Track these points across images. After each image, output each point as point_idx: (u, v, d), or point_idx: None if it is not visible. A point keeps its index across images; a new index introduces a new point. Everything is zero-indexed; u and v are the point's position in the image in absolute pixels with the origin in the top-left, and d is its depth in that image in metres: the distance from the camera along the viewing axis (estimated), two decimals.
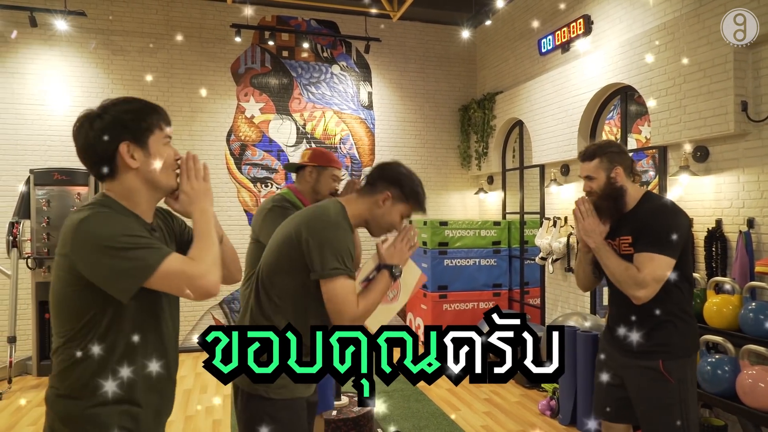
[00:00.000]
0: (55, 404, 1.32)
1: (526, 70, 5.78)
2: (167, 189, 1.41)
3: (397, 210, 1.81)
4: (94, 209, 1.29)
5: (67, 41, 5.65)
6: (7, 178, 5.43)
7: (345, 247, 1.68)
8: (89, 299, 1.27)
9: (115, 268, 1.22)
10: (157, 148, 1.36)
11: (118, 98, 1.38)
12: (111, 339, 1.30)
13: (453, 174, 6.92)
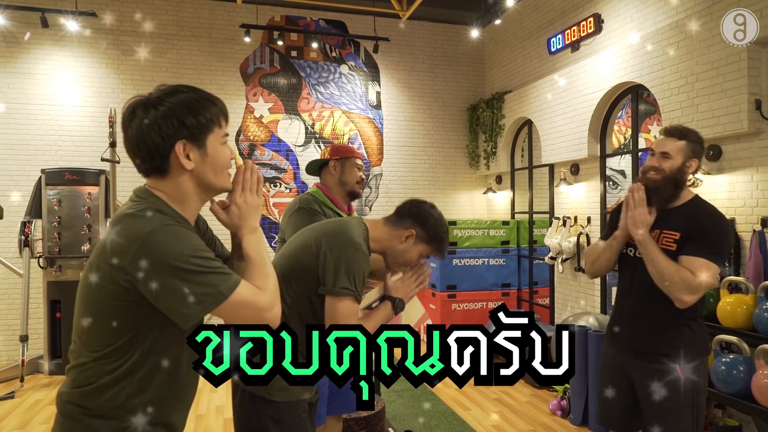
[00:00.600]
0: (80, 423, 1.22)
1: (535, 69, 5.77)
2: (221, 192, 1.32)
3: (417, 249, 1.80)
4: (161, 220, 1.16)
5: (78, 42, 5.69)
6: (19, 178, 5.47)
7: (360, 269, 1.65)
8: (137, 317, 1.17)
9: (183, 293, 1.11)
10: (215, 147, 1.25)
11: (175, 86, 1.24)
12: (153, 360, 1.22)
13: (461, 173, 6.91)
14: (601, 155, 4.77)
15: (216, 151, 1.25)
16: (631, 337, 2.11)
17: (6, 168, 5.47)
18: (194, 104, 1.22)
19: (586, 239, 4.89)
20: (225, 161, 1.28)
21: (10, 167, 5.48)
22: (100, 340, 1.19)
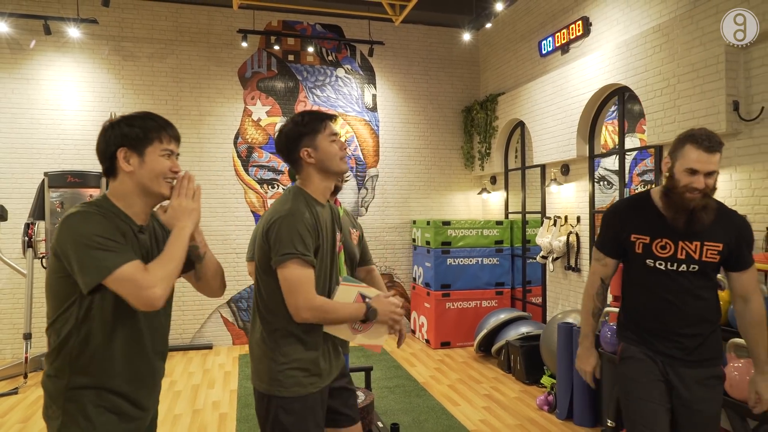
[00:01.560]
0: (45, 383, 1.47)
1: (527, 71, 5.86)
2: (158, 196, 1.55)
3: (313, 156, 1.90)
4: (85, 208, 1.44)
5: (80, 48, 5.83)
6: (23, 181, 5.62)
7: (296, 230, 1.75)
8: (69, 288, 1.42)
9: (81, 263, 1.36)
10: (153, 158, 1.51)
11: (137, 112, 1.56)
12: (86, 327, 1.44)
13: (456, 174, 7.00)
14: (590, 156, 4.85)
15: (153, 160, 1.51)
16: (678, 347, 2.04)
17: (10, 171, 5.62)
18: (136, 121, 1.52)
19: (575, 238, 4.97)
20: (161, 170, 1.52)
21: (14, 170, 5.63)
22: (50, 309, 1.47)
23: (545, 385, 4.44)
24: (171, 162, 1.55)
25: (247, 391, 4.57)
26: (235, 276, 6.18)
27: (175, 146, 1.59)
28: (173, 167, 1.55)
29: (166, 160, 1.54)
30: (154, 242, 1.60)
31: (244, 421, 3.92)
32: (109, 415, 1.47)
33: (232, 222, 6.21)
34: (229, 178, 6.23)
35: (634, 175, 6.52)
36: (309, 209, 1.83)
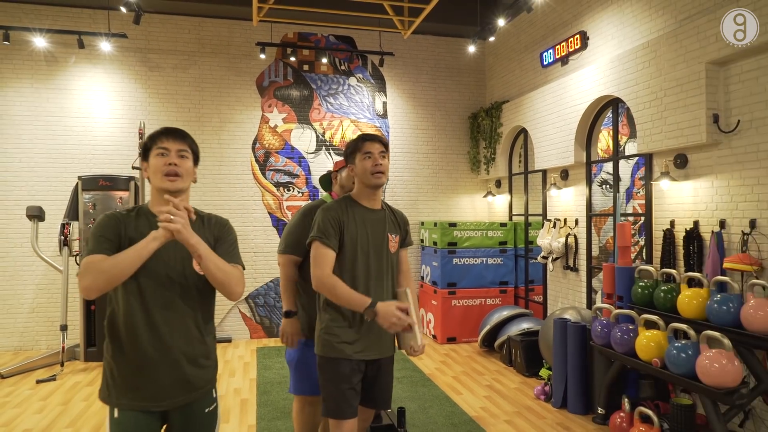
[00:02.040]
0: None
1: (530, 80, 6.16)
2: (161, 190, 1.79)
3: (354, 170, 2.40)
4: (109, 212, 1.82)
5: (110, 60, 6.25)
6: (57, 184, 6.04)
7: (319, 221, 2.26)
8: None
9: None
10: (152, 158, 1.80)
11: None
12: (111, 308, 1.79)
13: (463, 178, 7.32)
14: (587, 162, 5.15)
15: (152, 161, 1.80)
16: None
17: (46, 175, 6.05)
18: (145, 139, 1.85)
19: (574, 240, 5.27)
20: (156, 167, 1.79)
21: (49, 174, 6.05)
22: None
23: (543, 376, 4.75)
24: (165, 158, 1.77)
25: (265, 379, 4.93)
26: (253, 274, 6.56)
27: (171, 144, 1.78)
28: (167, 161, 1.77)
29: (161, 158, 1.78)
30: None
31: (264, 406, 4.28)
32: (123, 391, 1.74)
33: (250, 223, 6.59)
34: (248, 181, 6.61)
35: (636, 179, 6.79)
36: (342, 209, 2.28)
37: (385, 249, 2.34)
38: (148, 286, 1.74)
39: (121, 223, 1.76)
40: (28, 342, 6.01)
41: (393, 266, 2.39)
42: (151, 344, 1.74)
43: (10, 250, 5.95)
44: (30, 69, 6.07)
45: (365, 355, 2.29)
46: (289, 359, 2.84)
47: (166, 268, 1.77)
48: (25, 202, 5.91)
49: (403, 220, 2.51)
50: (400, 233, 2.45)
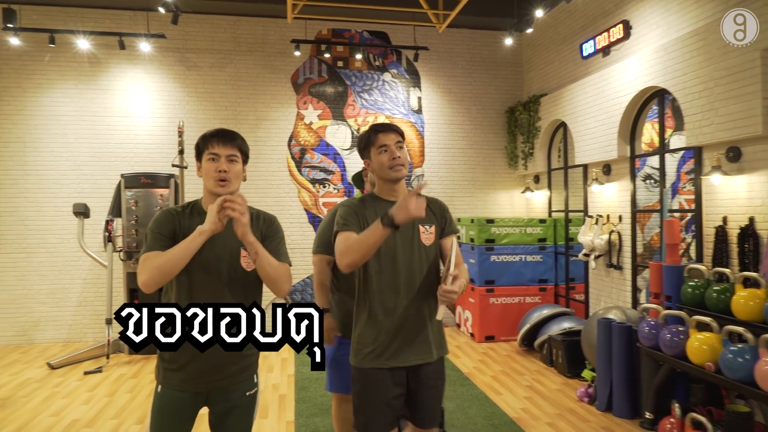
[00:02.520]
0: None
1: (569, 73, 5.99)
2: (213, 194, 1.89)
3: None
4: (169, 208, 1.96)
5: (149, 60, 6.37)
6: (102, 182, 6.21)
7: (340, 214, 2.12)
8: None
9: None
10: (205, 162, 1.91)
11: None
12: (166, 299, 1.93)
13: (500, 174, 7.19)
14: (631, 156, 4.97)
15: (204, 164, 1.91)
16: None
17: (90, 173, 6.22)
18: (198, 140, 1.95)
19: (617, 237, 5.10)
20: (207, 171, 1.90)
21: (93, 172, 6.23)
22: None
23: (586, 378, 4.62)
24: (216, 164, 1.88)
25: (303, 375, 4.96)
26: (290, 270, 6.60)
27: (222, 149, 1.88)
28: (217, 167, 1.87)
29: (212, 163, 1.88)
30: (229, 231, 1.83)
31: (302, 402, 4.30)
32: (167, 371, 1.90)
33: (287, 219, 6.63)
34: (284, 178, 6.65)
35: (682, 174, 6.52)
36: (362, 204, 2.15)
37: (416, 242, 2.12)
38: (198, 279, 1.86)
39: (176, 219, 1.89)
40: (76, 334, 6.21)
41: (429, 259, 2.16)
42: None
43: (59, 246, 6.15)
44: (74, 70, 6.25)
45: (399, 361, 2.07)
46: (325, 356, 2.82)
47: (216, 262, 1.88)
48: (72, 199, 6.10)
49: (440, 207, 2.25)
50: (437, 222, 2.21)
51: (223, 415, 1.95)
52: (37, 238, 6.16)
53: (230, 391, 1.93)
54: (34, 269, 6.15)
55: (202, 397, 1.93)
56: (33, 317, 6.14)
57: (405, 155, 2.15)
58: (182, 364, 1.87)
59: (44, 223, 6.17)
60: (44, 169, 6.18)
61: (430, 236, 2.17)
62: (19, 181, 6.15)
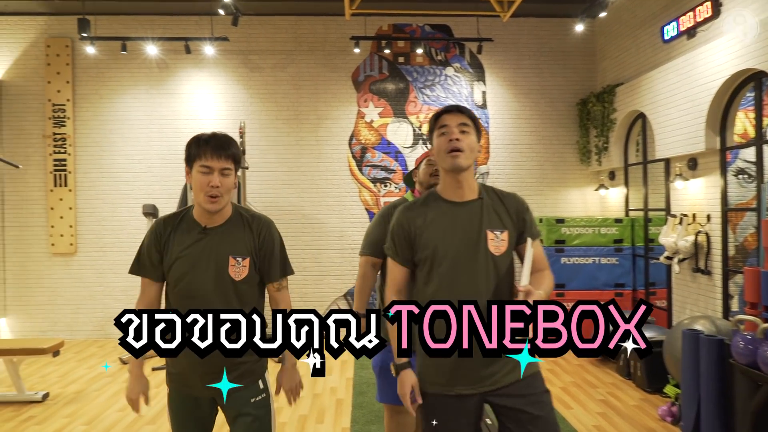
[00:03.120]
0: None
1: (648, 59, 5.50)
2: (201, 206, 1.84)
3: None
4: (158, 218, 1.98)
5: (214, 63, 6.50)
6: (170, 184, 6.40)
7: (391, 229, 1.94)
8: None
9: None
10: (196, 174, 1.82)
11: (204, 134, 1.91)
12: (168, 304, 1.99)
13: (571, 170, 6.76)
14: (721, 148, 4.46)
15: (195, 176, 1.83)
16: None
17: (160, 175, 6.43)
18: (190, 142, 1.86)
19: (705, 238, 4.60)
20: (198, 184, 1.81)
21: (163, 174, 6.43)
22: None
23: (669, 394, 4.19)
24: (208, 178, 1.78)
25: (362, 379, 4.84)
26: (351, 270, 6.53)
27: (215, 162, 1.78)
28: (210, 182, 1.78)
29: (203, 176, 1.79)
30: (213, 240, 1.88)
31: (359, 408, 4.17)
32: (171, 376, 1.99)
33: (348, 219, 6.55)
34: (345, 177, 6.58)
35: None
36: (416, 210, 1.87)
37: (481, 251, 1.77)
38: (190, 302, 1.86)
39: (161, 237, 1.91)
40: None
41: (500, 272, 1.79)
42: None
43: (132, 245, 6.40)
44: (145, 76, 6.48)
45: (462, 388, 1.75)
46: (373, 365, 2.70)
47: (204, 283, 1.87)
48: (143, 200, 6.32)
49: (517, 206, 1.87)
50: (513, 225, 1.83)
51: (234, 423, 1.96)
52: (112, 237, 6.44)
53: (234, 398, 1.92)
54: (110, 267, 6.44)
55: (207, 401, 1.95)
56: (109, 313, 6.42)
57: (470, 141, 1.78)
58: (180, 370, 1.92)
59: (119, 223, 6.45)
60: (118, 171, 6.46)
61: (501, 244, 1.80)
62: (96, 183, 6.45)
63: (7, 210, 6.42)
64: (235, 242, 1.89)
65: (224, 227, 1.89)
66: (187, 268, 1.85)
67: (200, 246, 1.85)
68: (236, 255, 1.87)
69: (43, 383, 4.83)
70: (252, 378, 1.96)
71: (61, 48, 6.40)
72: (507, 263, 1.82)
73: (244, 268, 1.88)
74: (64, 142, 6.39)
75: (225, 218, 1.90)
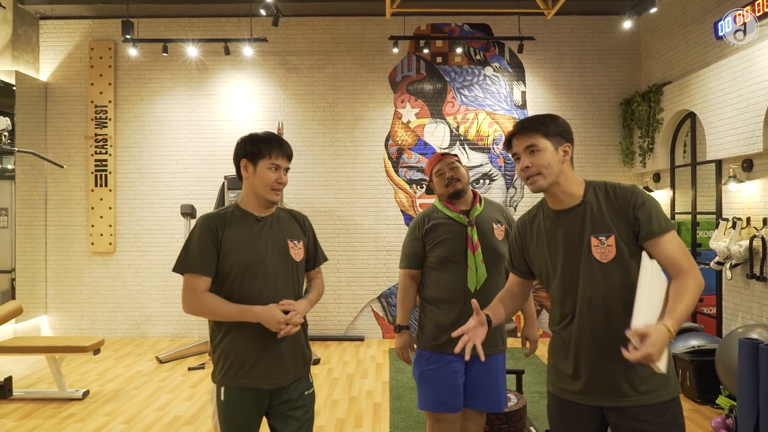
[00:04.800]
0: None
1: (699, 57, 5.28)
2: (265, 200, 1.95)
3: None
4: (204, 215, 1.98)
5: (252, 65, 6.53)
6: (207, 184, 6.45)
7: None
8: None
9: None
10: (263, 169, 1.92)
11: (261, 133, 2.01)
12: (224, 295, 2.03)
13: (614, 172, 6.55)
14: None
15: (262, 171, 1.92)
16: None
17: (198, 175, 6.49)
18: (255, 140, 1.95)
19: (761, 243, 4.38)
20: (267, 180, 1.92)
21: (200, 174, 6.49)
22: None
23: (722, 406, 3.99)
24: (277, 174, 1.93)
25: (398, 383, 4.76)
26: (386, 273, 6.46)
27: (283, 161, 1.94)
28: (279, 179, 1.93)
29: (273, 173, 1.92)
30: (270, 227, 2.00)
31: (397, 413, 4.09)
32: (232, 374, 1.96)
33: (383, 221, 6.49)
34: (381, 178, 6.52)
35: None
36: (529, 218, 1.89)
37: (585, 259, 1.64)
38: (261, 285, 1.94)
39: (214, 231, 1.92)
40: (183, 330, 6.49)
41: (612, 282, 1.61)
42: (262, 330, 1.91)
43: (169, 245, 6.47)
44: (185, 77, 6.55)
45: (588, 398, 1.66)
46: (414, 373, 2.63)
47: (274, 265, 1.97)
48: (181, 200, 6.39)
49: (625, 199, 1.64)
50: (624, 225, 1.62)
51: (284, 416, 1.97)
52: (150, 237, 6.52)
53: (291, 391, 1.97)
54: (147, 267, 6.52)
55: (266, 396, 1.95)
56: (146, 312, 6.50)
57: (542, 160, 1.67)
58: (251, 364, 1.91)
59: (157, 223, 6.52)
60: (157, 172, 6.54)
61: (607, 249, 1.62)
62: (135, 184, 6.55)
63: (50, 209, 6.56)
64: (289, 229, 2.05)
65: (274, 217, 2.04)
66: (253, 253, 1.93)
67: (261, 233, 1.96)
68: (293, 239, 2.03)
69: (82, 381, 4.89)
70: (307, 369, 2.05)
71: (104, 50, 6.52)
72: (620, 271, 1.62)
73: (301, 250, 2.05)
74: (106, 143, 6.51)
75: (272, 210, 2.04)
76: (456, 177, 2.55)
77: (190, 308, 1.90)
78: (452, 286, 2.49)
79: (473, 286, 2.47)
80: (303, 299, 2.01)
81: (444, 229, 2.51)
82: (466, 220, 2.51)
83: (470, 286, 2.46)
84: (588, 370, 1.66)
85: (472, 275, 2.47)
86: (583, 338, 1.66)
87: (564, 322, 1.73)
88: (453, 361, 2.49)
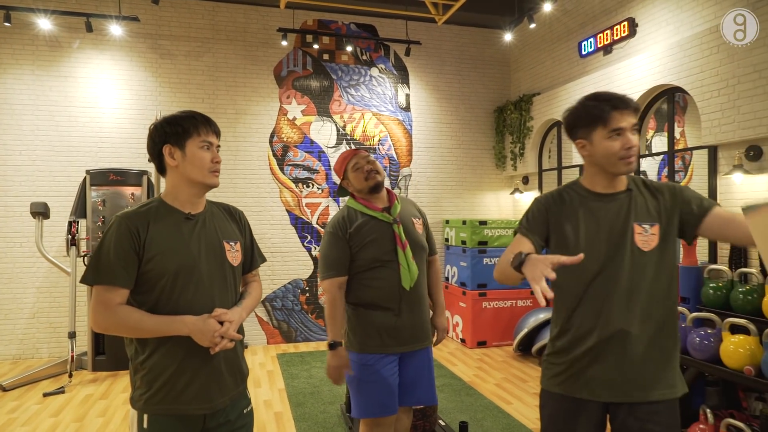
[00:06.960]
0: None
1: (564, 72, 5.88)
2: (203, 185, 1.70)
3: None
4: (122, 214, 1.65)
5: (118, 46, 5.81)
6: (62, 179, 5.59)
7: (530, 209, 1.89)
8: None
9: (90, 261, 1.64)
10: (194, 150, 1.66)
11: (178, 112, 1.71)
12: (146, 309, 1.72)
13: (488, 174, 7.02)
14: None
15: (194, 153, 1.66)
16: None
17: (49, 169, 5.59)
18: (174, 120, 1.67)
19: None
20: (202, 161, 1.67)
21: (52, 168, 5.60)
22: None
23: None
24: (211, 152, 1.69)
25: (295, 389, 4.56)
26: (270, 276, 6.18)
27: (214, 137, 1.71)
28: (214, 158, 1.69)
29: (206, 152, 1.67)
30: (203, 226, 1.72)
31: (301, 420, 3.92)
32: (159, 399, 1.69)
33: (268, 221, 6.20)
34: (265, 176, 6.22)
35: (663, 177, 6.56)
36: (555, 196, 1.81)
37: (628, 248, 1.62)
38: (193, 291, 1.67)
39: (134, 233, 1.61)
40: (28, 350, 5.54)
41: (653, 271, 1.62)
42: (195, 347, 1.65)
43: (8, 251, 5.49)
44: (31, 54, 5.61)
45: (600, 394, 1.65)
46: (348, 380, 2.48)
47: (209, 270, 1.71)
48: (26, 198, 5.46)
49: (669, 189, 1.67)
50: (665, 212, 1.65)
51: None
52: None
53: (229, 411, 1.74)
54: None
55: (199, 422, 1.68)
56: None
57: (637, 141, 1.65)
58: (183, 385, 1.64)
59: None
60: None
61: (650, 238, 1.62)
62: None
63: None
64: (224, 228, 1.79)
65: (207, 213, 1.77)
66: (184, 257, 1.64)
67: (193, 233, 1.69)
68: (229, 240, 1.78)
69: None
70: (245, 385, 1.82)
71: None
72: (662, 261, 1.64)
73: (238, 253, 1.80)
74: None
75: (204, 205, 1.77)
76: (375, 169, 2.48)
77: (103, 326, 1.58)
78: (388, 287, 2.41)
79: (408, 285, 2.43)
80: (237, 307, 1.73)
81: (369, 229, 2.42)
82: (391, 218, 2.45)
83: (405, 285, 2.42)
84: (612, 363, 1.64)
85: (405, 273, 2.42)
86: (612, 321, 1.63)
87: (585, 316, 1.68)
88: (391, 361, 2.43)
